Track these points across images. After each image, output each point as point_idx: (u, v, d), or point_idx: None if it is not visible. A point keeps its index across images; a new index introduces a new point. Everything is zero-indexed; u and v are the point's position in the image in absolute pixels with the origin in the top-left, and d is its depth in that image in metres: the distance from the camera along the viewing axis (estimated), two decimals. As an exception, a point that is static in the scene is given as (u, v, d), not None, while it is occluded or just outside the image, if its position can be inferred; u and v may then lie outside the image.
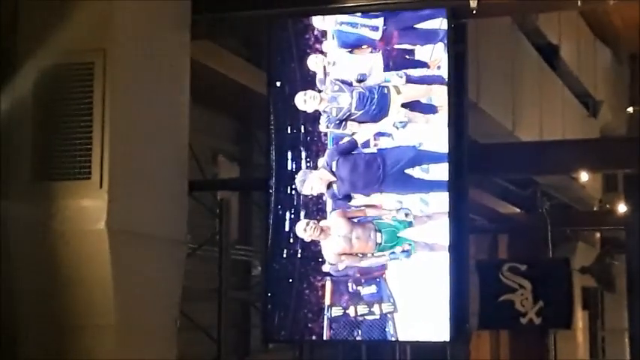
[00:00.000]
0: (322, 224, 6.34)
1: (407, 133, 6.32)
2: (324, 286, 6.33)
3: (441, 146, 6.25)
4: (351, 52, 6.47)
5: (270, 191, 6.49)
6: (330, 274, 6.32)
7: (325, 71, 6.46)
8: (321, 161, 6.41)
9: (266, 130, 6.60)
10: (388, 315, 6.21)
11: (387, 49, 6.40)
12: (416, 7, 6.48)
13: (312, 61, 6.49)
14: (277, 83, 6.58)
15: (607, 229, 16.86)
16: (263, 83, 6.82)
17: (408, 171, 6.28)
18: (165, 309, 6.07)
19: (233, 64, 8.56)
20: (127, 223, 5.66)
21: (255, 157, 10.03)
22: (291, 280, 6.40)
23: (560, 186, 14.78)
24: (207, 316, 7.82)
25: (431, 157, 6.26)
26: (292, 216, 6.43)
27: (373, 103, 6.34)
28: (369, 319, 6.23)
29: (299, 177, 6.43)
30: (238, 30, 7.61)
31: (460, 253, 6.28)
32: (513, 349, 15.42)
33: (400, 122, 6.33)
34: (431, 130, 6.29)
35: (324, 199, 6.39)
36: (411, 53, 6.37)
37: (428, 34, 6.35)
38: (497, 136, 11.48)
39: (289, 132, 6.51)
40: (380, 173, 6.29)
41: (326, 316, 6.31)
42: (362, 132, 6.38)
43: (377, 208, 6.30)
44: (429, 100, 6.32)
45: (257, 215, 9.77)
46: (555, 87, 14.72)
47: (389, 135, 6.34)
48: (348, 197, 6.35)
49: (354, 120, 6.39)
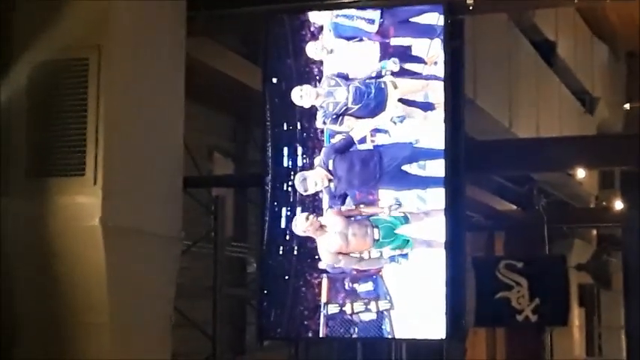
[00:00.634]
0: (317, 221, 6.31)
1: (404, 129, 6.30)
2: (320, 283, 6.32)
3: (438, 143, 6.24)
4: (347, 42, 6.44)
5: (267, 188, 6.48)
6: (326, 272, 6.31)
7: (324, 58, 6.43)
8: (318, 160, 6.39)
9: (262, 126, 6.59)
10: (385, 312, 6.19)
11: (383, 42, 6.38)
12: (412, 3, 6.47)
13: (312, 48, 6.48)
14: (273, 80, 6.56)
15: (604, 226, 16.87)
16: (259, 80, 6.80)
17: (405, 168, 6.26)
18: (160, 306, 6.05)
19: (229, 60, 8.53)
20: (121, 219, 5.63)
21: (251, 154, 10.02)
22: (287, 277, 6.39)
23: (557, 183, 14.77)
24: (202, 313, 7.80)
25: (428, 154, 6.24)
26: (288, 213, 6.41)
27: (370, 98, 6.32)
28: (366, 316, 6.22)
29: (297, 179, 6.40)
30: (235, 27, 7.59)
31: (456, 251, 6.26)
32: (509, 347, 15.40)
33: (398, 117, 6.31)
34: (428, 126, 6.27)
35: (320, 196, 6.37)
36: (408, 48, 6.36)
37: (425, 28, 6.33)
38: (494, 132, 11.48)
39: (285, 129, 6.49)
40: (377, 170, 6.27)
41: (322, 314, 6.29)
42: (358, 128, 6.37)
43: (373, 205, 6.27)
44: (426, 96, 6.30)
45: (252, 212, 9.75)
46: (552, 84, 14.70)
47: (385, 131, 6.32)
48: (344, 197, 6.32)
49: (350, 115, 6.37)
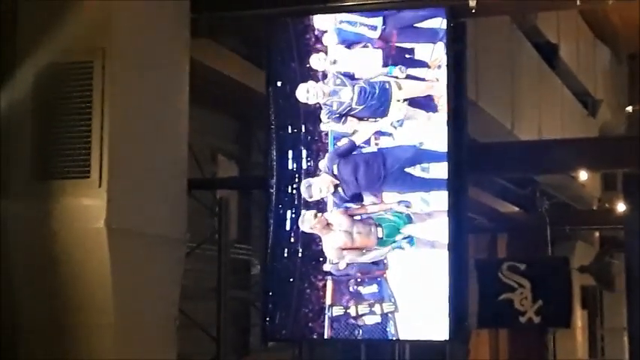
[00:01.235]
0: (323, 219, 6.35)
1: (407, 131, 6.31)
2: (325, 285, 6.33)
3: (441, 145, 6.25)
4: (350, 49, 6.47)
5: (271, 190, 6.49)
6: (331, 274, 6.32)
7: (327, 68, 6.47)
8: (322, 165, 6.41)
9: (265, 129, 6.60)
10: (389, 315, 6.20)
11: (386, 47, 6.40)
12: (415, 7, 6.48)
13: (315, 60, 6.50)
14: (278, 83, 6.58)
15: (606, 228, 16.83)
16: (262, 82, 6.81)
17: (408, 170, 6.28)
18: (165, 307, 6.06)
19: (232, 63, 8.54)
20: (126, 221, 5.65)
21: (255, 156, 10.02)
22: (291, 279, 6.40)
23: (560, 185, 14.77)
24: (207, 315, 7.80)
25: (431, 156, 6.26)
26: (293, 215, 6.42)
27: (374, 98, 6.34)
28: (370, 318, 6.22)
29: (303, 186, 6.42)
30: (238, 29, 7.60)
31: (459, 252, 6.28)
32: (512, 348, 15.40)
33: (398, 121, 6.33)
34: (431, 128, 6.29)
35: (325, 199, 6.39)
36: (411, 52, 6.37)
37: (428, 33, 6.35)
38: (497, 135, 11.48)
39: (290, 131, 6.50)
40: (380, 172, 6.29)
41: (327, 316, 6.30)
42: (361, 131, 6.38)
43: (378, 205, 6.30)
44: (430, 98, 6.31)
45: (256, 214, 9.76)
46: (554, 86, 14.70)
47: (389, 134, 6.34)
48: (358, 197, 6.35)
49: (354, 115, 6.39)
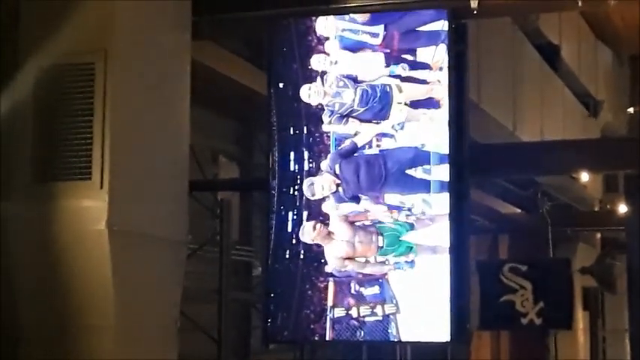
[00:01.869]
0: (324, 229, 6.34)
1: (408, 133, 6.31)
2: (326, 286, 6.32)
3: (443, 147, 6.25)
4: (353, 53, 6.47)
5: (273, 192, 6.49)
6: (332, 275, 6.31)
7: (329, 69, 6.46)
8: (324, 165, 6.41)
9: (267, 131, 6.60)
10: (391, 316, 6.19)
11: (387, 52, 6.39)
12: (417, 7, 6.47)
13: (316, 61, 6.50)
14: (279, 84, 6.58)
15: (608, 230, 16.82)
16: (263, 84, 6.81)
17: (410, 171, 6.27)
18: (166, 310, 6.06)
19: (234, 64, 8.54)
20: (127, 223, 5.65)
21: (256, 158, 10.03)
22: (293, 280, 6.39)
23: (561, 186, 14.75)
24: (208, 317, 7.81)
25: (432, 158, 6.24)
26: (295, 217, 6.42)
27: (375, 101, 6.34)
28: (372, 320, 6.22)
29: (305, 184, 6.42)
30: (239, 31, 7.60)
31: (461, 254, 6.27)
32: (514, 350, 15.39)
33: (399, 123, 6.32)
34: (433, 130, 6.28)
35: (327, 200, 6.39)
36: (413, 54, 6.36)
37: (429, 35, 6.34)
38: (498, 136, 11.46)
39: (292, 133, 6.50)
40: (382, 173, 6.28)
41: (328, 317, 6.29)
42: (363, 133, 6.38)
43: (378, 210, 6.29)
44: (431, 100, 6.30)
45: (258, 216, 9.77)
46: (556, 87, 14.69)
47: (391, 136, 6.34)
48: (356, 198, 6.35)
49: (355, 117, 6.39)
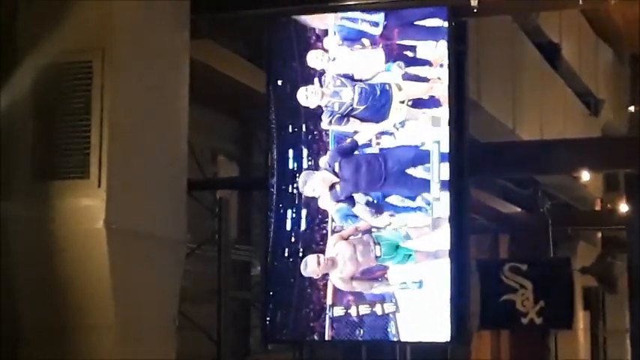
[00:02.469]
0: (328, 256, 6.32)
1: (409, 132, 6.28)
2: (325, 285, 6.30)
3: (443, 146, 6.21)
4: (351, 49, 6.43)
5: (272, 190, 6.47)
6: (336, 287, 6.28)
7: (326, 67, 6.43)
8: (323, 162, 6.39)
9: (266, 129, 6.59)
10: (390, 315, 6.17)
11: (387, 45, 6.36)
12: (416, 6, 6.46)
13: (312, 57, 6.47)
14: (278, 82, 6.56)
15: (608, 229, 16.83)
16: (262, 82, 6.80)
17: (410, 171, 6.24)
18: (164, 309, 6.04)
19: (233, 63, 8.53)
20: (125, 222, 5.63)
21: (255, 157, 10.01)
22: (292, 279, 6.37)
23: (562, 185, 14.74)
24: (207, 316, 7.80)
25: (433, 157, 6.21)
26: (294, 215, 6.40)
27: (375, 99, 6.31)
28: (371, 319, 6.20)
29: (301, 178, 6.41)
30: (238, 29, 7.58)
31: (461, 254, 6.24)
32: (514, 350, 15.36)
33: (400, 123, 6.29)
34: (433, 128, 6.24)
35: (322, 198, 6.36)
36: (413, 50, 6.34)
37: (430, 30, 6.32)
38: (498, 134, 11.46)
39: (291, 131, 6.48)
40: (382, 172, 6.26)
41: (328, 316, 6.28)
42: (363, 132, 6.36)
43: (370, 220, 6.28)
44: (431, 98, 6.27)
45: (257, 215, 9.74)
46: (556, 86, 14.68)
47: (391, 134, 6.31)
48: (351, 199, 6.32)
49: (355, 116, 6.36)
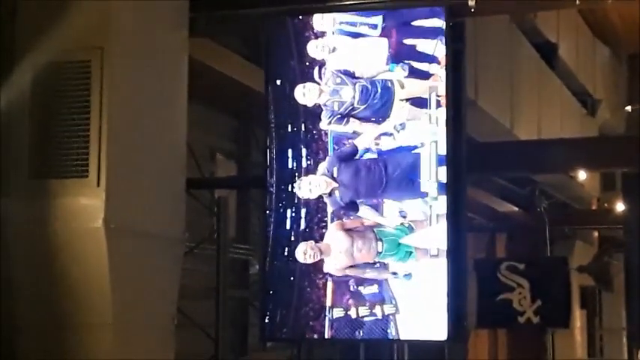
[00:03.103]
0: (321, 244, 6.28)
1: (409, 132, 6.23)
2: (325, 284, 6.28)
3: (441, 147, 6.17)
4: (353, 39, 6.37)
5: (271, 189, 6.46)
6: (331, 274, 6.27)
7: (326, 58, 6.36)
8: (322, 167, 6.33)
9: (265, 127, 6.58)
10: (390, 316, 6.14)
11: (388, 42, 6.33)
12: (415, 5, 6.46)
13: (312, 47, 6.43)
14: (277, 81, 6.54)
15: (605, 228, 16.88)
16: (261, 81, 6.78)
17: (411, 176, 6.17)
18: (163, 307, 6.04)
19: (231, 62, 8.53)
20: (124, 221, 5.63)
21: (253, 155, 10.02)
22: (292, 278, 6.36)
23: (559, 184, 14.77)
24: (205, 314, 7.80)
25: (432, 159, 6.15)
26: (293, 214, 6.39)
27: (376, 97, 6.26)
28: (371, 320, 6.17)
29: (298, 182, 6.35)
30: (236, 28, 7.59)
31: (458, 253, 6.24)
32: (511, 348, 15.39)
33: (400, 124, 6.24)
34: (432, 129, 6.19)
35: (325, 200, 6.35)
36: (413, 48, 6.28)
37: (429, 30, 6.29)
38: (496, 134, 11.47)
39: (289, 130, 6.47)
40: (382, 178, 6.19)
41: (327, 318, 6.26)
42: (363, 134, 6.29)
43: (375, 216, 6.19)
44: (432, 98, 6.21)
45: (255, 213, 9.76)
46: (554, 85, 14.70)
47: (390, 134, 6.27)
48: (353, 204, 6.26)
49: (355, 116, 6.32)
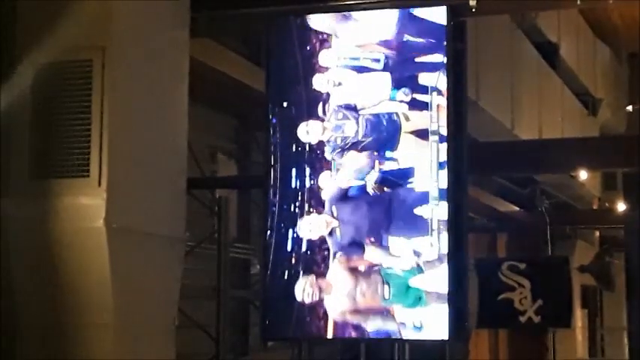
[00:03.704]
0: (322, 282, 6.13)
1: (412, 157, 6.03)
2: (326, 323, 6.17)
3: (444, 155, 5.95)
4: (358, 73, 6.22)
5: (271, 189, 6.45)
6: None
7: (330, 90, 6.21)
8: (323, 203, 6.18)
9: (265, 128, 6.58)
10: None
11: (392, 76, 6.16)
12: (416, 5, 6.45)
13: (318, 81, 6.30)
14: (284, 104, 6.38)
15: (606, 228, 16.86)
16: (261, 81, 6.80)
17: (417, 211, 5.95)
18: (164, 307, 6.05)
19: (232, 61, 8.54)
20: (125, 220, 5.64)
21: (254, 155, 10.02)
22: (292, 278, 6.37)
23: (560, 184, 14.78)
24: (206, 314, 7.81)
25: (440, 193, 5.91)
26: (294, 214, 6.35)
27: (382, 130, 6.07)
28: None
29: (299, 223, 6.22)
30: (237, 28, 7.59)
31: (459, 254, 6.19)
32: (512, 348, 15.41)
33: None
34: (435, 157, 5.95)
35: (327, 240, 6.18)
36: (415, 79, 6.12)
37: (430, 65, 6.12)
38: (497, 134, 11.48)
39: (294, 150, 6.34)
40: (388, 214, 5.95)
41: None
42: (363, 167, 6.08)
43: (382, 255, 5.94)
44: (437, 129, 6.01)
45: (256, 213, 9.75)
46: (554, 85, 14.71)
47: (395, 160, 6.06)
48: (356, 245, 6.05)
49: (357, 149, 6.12)
